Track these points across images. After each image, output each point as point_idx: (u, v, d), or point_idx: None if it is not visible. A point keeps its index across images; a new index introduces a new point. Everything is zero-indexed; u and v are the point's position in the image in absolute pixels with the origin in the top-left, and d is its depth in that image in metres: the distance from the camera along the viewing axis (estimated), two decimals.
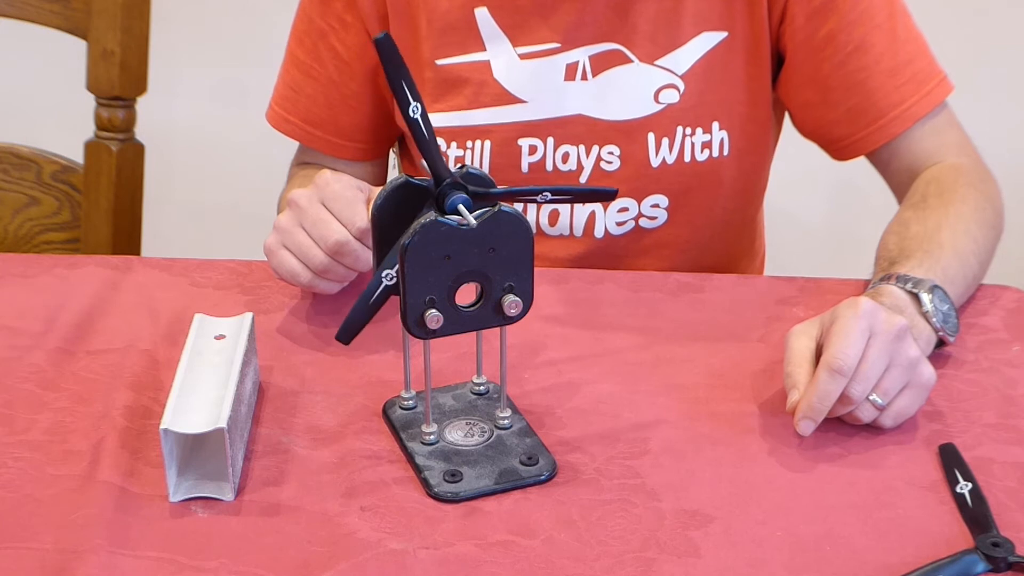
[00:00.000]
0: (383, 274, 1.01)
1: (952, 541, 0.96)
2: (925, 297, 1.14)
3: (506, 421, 1.07)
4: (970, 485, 1.01)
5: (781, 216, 1.39)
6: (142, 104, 1.60)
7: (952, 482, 1.02)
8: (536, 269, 1.02)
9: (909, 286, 1.15)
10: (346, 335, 1.03)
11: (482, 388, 1.11)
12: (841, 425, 1.08)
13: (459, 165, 1.03)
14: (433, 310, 0.99)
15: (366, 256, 1.16)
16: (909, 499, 1.01)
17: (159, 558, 0.95)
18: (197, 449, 1.03)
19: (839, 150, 1.38)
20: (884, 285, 1.16)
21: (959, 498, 1.00)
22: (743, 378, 1.15)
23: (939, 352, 1.17)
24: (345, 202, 1.16)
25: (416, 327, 0.99)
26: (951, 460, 1.04)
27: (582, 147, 1.35)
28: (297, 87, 1.43)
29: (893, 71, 1.33)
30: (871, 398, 1.05)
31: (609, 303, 1.25)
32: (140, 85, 1.59)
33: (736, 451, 1.06)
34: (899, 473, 1.03)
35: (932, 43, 1.37)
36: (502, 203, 0.99)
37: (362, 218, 1.15)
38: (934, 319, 1.14)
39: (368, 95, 1.42)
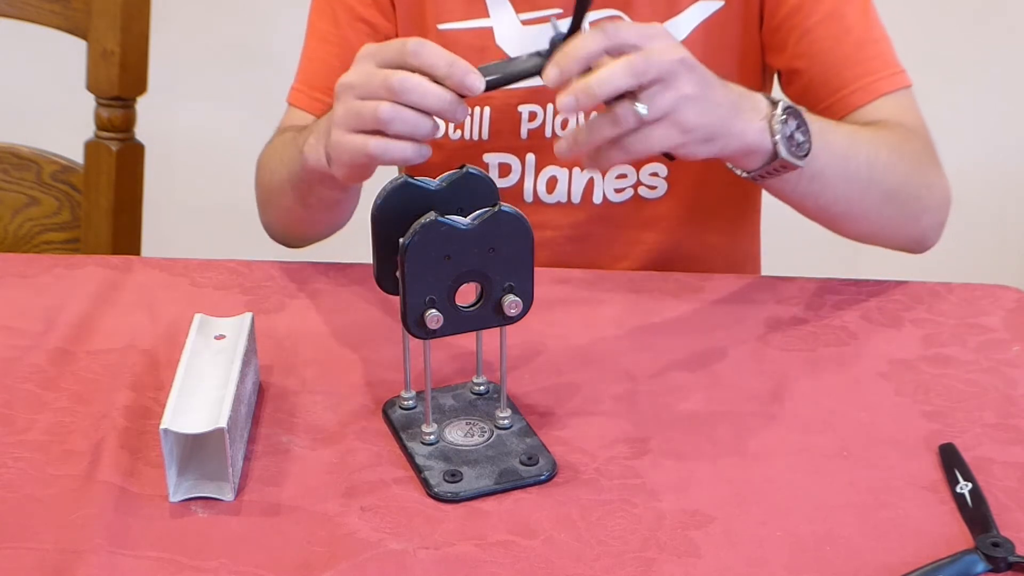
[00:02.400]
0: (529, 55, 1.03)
1: (952, 541, 0.96)
2: (781, 104, 1.12)
3: (506, 421, 1.07)
4: (970, 485, 1.01)
5: (783, 215, 1.39)
6: (142, 104, 1.60)
7: (952, 482, 1.02)
8: (536, 269, 1.02)
9: (772, 99, 1.13)
10: (490, 84, 1.02)
11: (482, 388, 1.11)
12: (840, 424, 1.08)
13: (460, 165, 1.03)
14: (433, 310, 0.99)
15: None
16: (909, 499, 1.01)
17: (159, 558, 0.95)
18: (197, 449, 1.03)
19: None
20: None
21: (959, 498, 1.00)
22: (743, 378, 1.15)
23: (939, 352, 1.18)
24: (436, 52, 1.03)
25: (416, 327, 0.99)
26: (951, 460, 1.04)
27: (581, 114, 1.35)
28: (318, 59, 1.41)
29: (861, 44, 1.32)
30: (636, 107, 1.01)
31: (609, 303, 1.25)
32: (140, 85, 1.59)
33: (736, 451, 1.06)
34: (899, 473, 1.03)
35: (934, 42, 1.37)
36: (502, 203, 0.99)
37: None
38: (777, 129, 1.10)
39: None
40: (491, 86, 1.04)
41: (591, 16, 1.33)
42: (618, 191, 1.38)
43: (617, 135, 1.03)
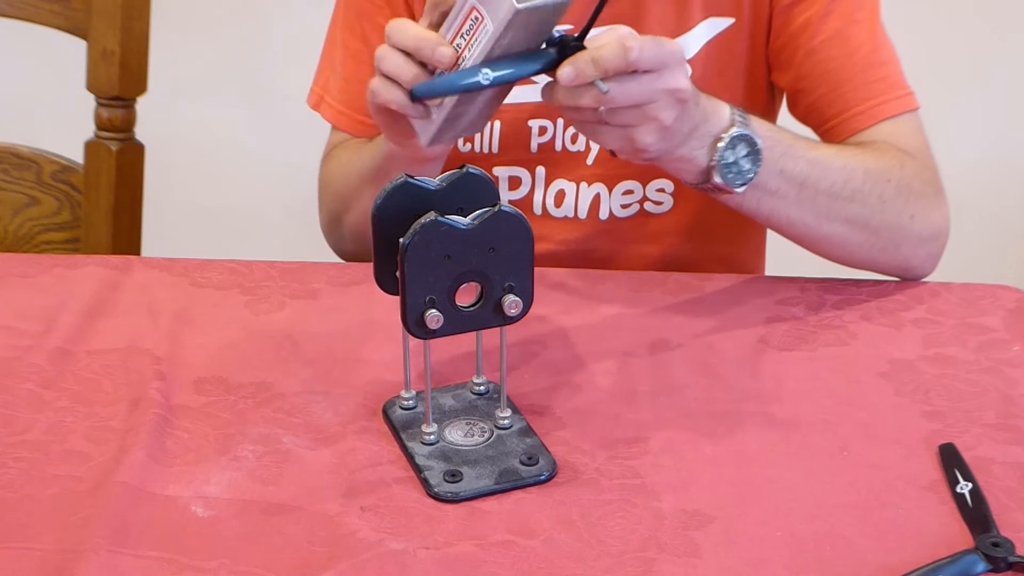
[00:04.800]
0: (483, 70, 1.03)
1: (952, 541, 0.96)
2: (734, 130, 1.15)
3: (506, 421, 1.07)
4: (970, 485, 1.01)
5: None
6: (142, 104, 1.60)
7: (952, 482, 1.02)
8: (537, 269, 1.02)
9: (738, 115, 1.16)
10: (423, 93, 1.05)
11: (482, 388, 1.11)
12: (840, 424, 1.08)
13: (460, 166, 1.03)
14: (433, 310, 0.99)
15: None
16: (909, 499, 1.01)
17: (159, 558, 0.95)
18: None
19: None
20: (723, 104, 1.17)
21: (959, 498, 1.00)
22: (743, 378, 1.15)
23: (939, 352, 1.18)
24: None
25: (416, 327, 0.99)
26: (951, 460, 1.04)
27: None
28: (358, 80, 1.40)
29: (866, 66, 1.32)
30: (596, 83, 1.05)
31: (609, 303, 1.25)
32: (140, 85, 1.59)
33: (736, 451, 1.06)
34: (899, 473, 1.03)
35: (934, 42, 1.36)
36: (502, 203, 0.99)
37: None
38: (717, 157, 1.15)
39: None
40: (498, 82, 1.05)
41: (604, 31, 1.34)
42: (624, 207, 1.38)
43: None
